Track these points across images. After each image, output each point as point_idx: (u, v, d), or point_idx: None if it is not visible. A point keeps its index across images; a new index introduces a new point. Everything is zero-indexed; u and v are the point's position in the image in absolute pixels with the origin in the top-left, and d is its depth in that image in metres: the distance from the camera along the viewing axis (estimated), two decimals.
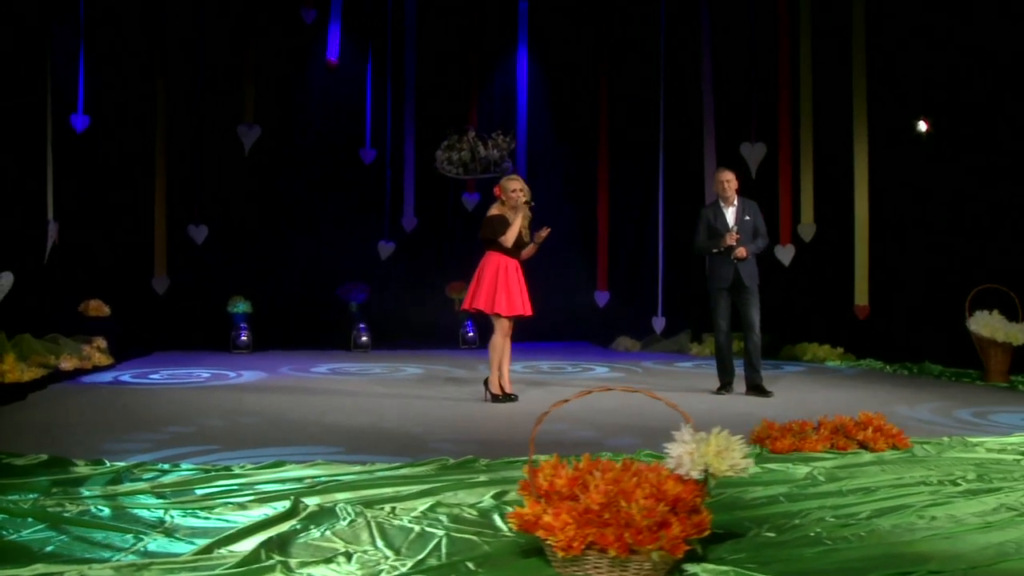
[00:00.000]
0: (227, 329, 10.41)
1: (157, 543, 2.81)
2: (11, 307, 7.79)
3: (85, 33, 10.22)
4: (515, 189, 6.35)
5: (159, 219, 10.66)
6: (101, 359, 8.37)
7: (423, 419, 5.53)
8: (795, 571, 2.53)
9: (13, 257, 7.90)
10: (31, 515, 3.07)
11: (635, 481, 2.41)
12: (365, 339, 10.72)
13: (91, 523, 3.00)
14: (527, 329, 9.31)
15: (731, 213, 6.86)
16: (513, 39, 12.06)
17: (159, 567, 2.54)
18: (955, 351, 8.20)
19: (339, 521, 3.01)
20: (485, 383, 6.46)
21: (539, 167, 12.08)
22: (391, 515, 3.07)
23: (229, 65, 10.89)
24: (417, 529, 2.91)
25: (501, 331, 6.35)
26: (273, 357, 9.69)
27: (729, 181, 6.88)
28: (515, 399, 6.32)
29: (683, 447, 2.43)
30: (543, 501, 2.44)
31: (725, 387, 6.90)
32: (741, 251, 6.70)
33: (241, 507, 3.23)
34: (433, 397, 6.64)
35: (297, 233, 11.34)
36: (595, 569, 2.34)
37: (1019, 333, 7.51)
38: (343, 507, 3.13)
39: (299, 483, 3.60)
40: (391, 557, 2.64)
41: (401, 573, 2.50)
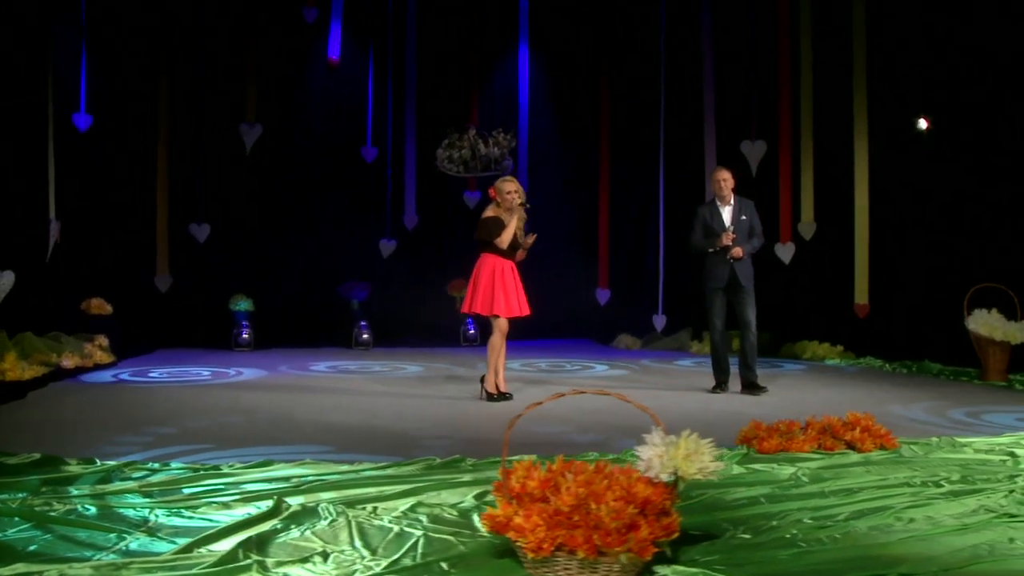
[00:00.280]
0: (229, 327, 10.46)
1: (139, 542, 2.85)
2: (13, 306, 7.84)
3: (87, 32, 10.27)
4: (510, 191, 6.38)
5: (161, 218, 10.70)
6: (103, 357, 8.42)
7: (417, 418, 5.56)
8: (766, 573, 2.54)
9: (15, 256, 7.95)
10: (18, 514, 3.11)
11: (606, 484, 2.44)
12: (366, 337, 10.76)
13: (76, 522, 3.04)
14: (529, 327, 9.34)
15: (727, 212, 6.86)
16: (514, 37, 12.07)
17: (138, 566, 2.58)
18: (955, 350, 8.18)
19: (320, 521, 3.04)
20: (481, 381, 6.49)
21: (540, 165, 12.10)
22: (372, 515, 3.10)
23: (231, 64, 10.92)
24: (396, 529, 2.94)
25: (500, 331, 6.38)
26: (274, 355, 9.74)
27: (726, 180, 6.87)
28: (510, 398, 6.35)
29: (653, 450, 2.45)
30: (515, 503, 2.47)
31: (720, 386, 6.90)
32: (737, 251, 6.70)
33: (225, 506, 3.27)
34: (429, 396, 6.67)
35: (298, 231, 11.37)
36: (565, 570, 2.36)
37: (1017, 332, 7.49)
38: (325, 507, 3.16)
39: (286, 482, 3.63)
40: (367, 557, 2.67)
41: (375, 573, 2.53)
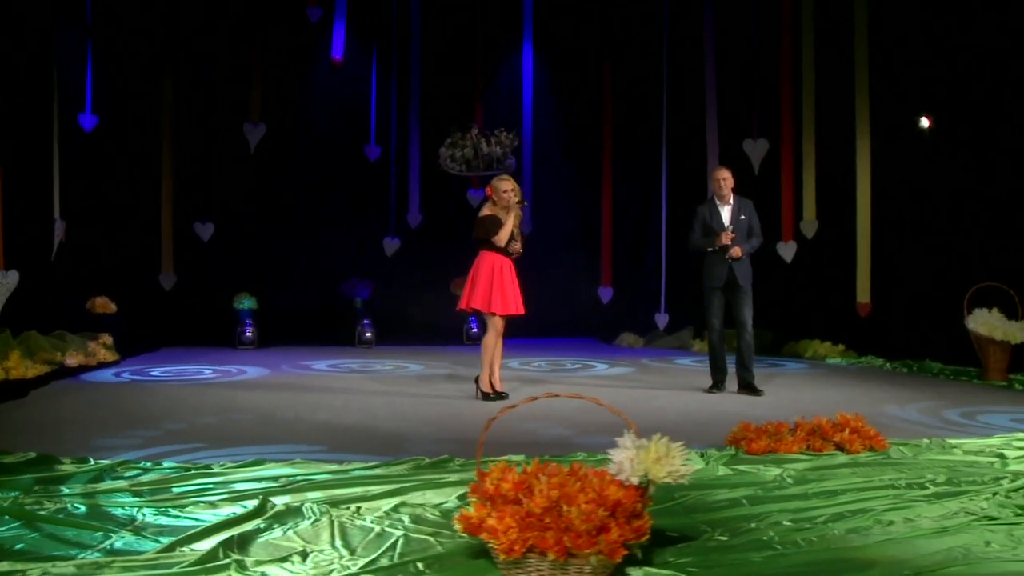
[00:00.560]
0: (232, 325, 10.54)
1: (124, 541, 2.89)
2: (18, 305, 7.93)
3: (92, 33, 10.36)
4: (507, 189, 6.42)
5: (165, 216, 10.80)
6: (107, 356, 8.50)
7: (411, 417, 5.60)
8: (738, 575, 2.56)
9: (20, 255, 8.04)
10: (8, 513, 3.16)
11: (579, 486, 2.46)
12: (369, 335, 10.82)
13: (64, 521, 3.08)
14: (531, 325, 9.37)
15: (727, 212, 6.86)
16: (517, 36, 12.08)
17: (120, 564, 2.62)
18: (956, 349, 8.15)
19: (303, 520, 3.07)
20: (476, 381, 6.53)
21: (543, 164, 12.11)
22: (355, 515, 3.14)
23: (235, 64, 11.00)
24: (377, 529, 2.97)
25: (495, 330, 6.42)
26: (277, 353, 9.81)
27: (726, 179, 6.88)
28: (506, 397, 6.38)
29: (624, 453, 2.48)
30: (489, 504, 2.50)
31: (717, 386, 6.91)
32: (736, 251, 6.70)
33: (212, 506, 3.31)
34: (426, 395, 6.71)
35: (302, 230, 11.45)
36: (536, 571, 2.39)
37: (1018, 331, 7.45)
38: (309, 506, 3.20)
39: (274, 482, 3.67)
40: (345, 557, 2.71)
41: (351, 573, 2.57)
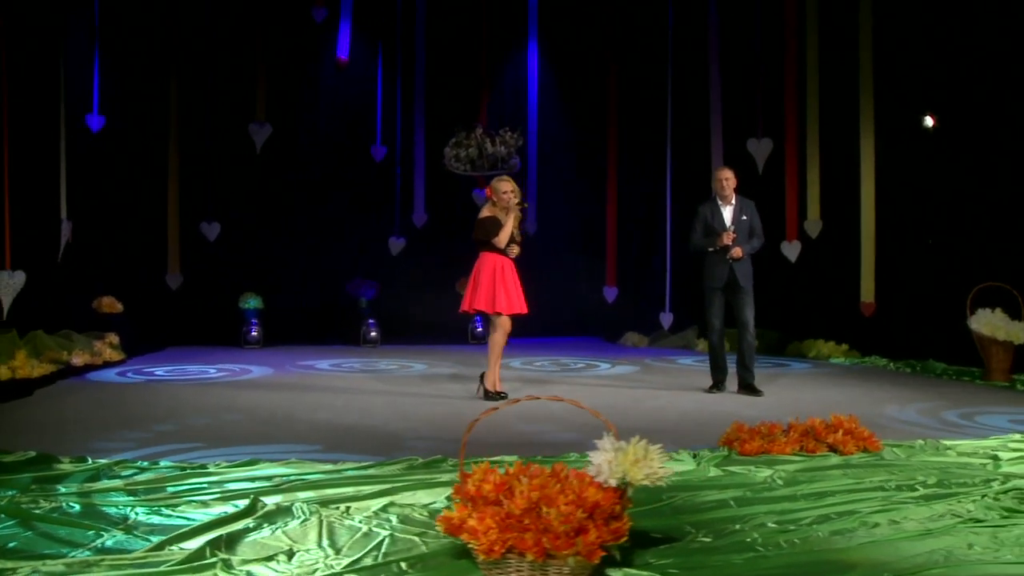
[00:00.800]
0: (238, 325, 10.60)
1: (115, 540, 2.93)
2: (25, 305, 8.03)
3: (99, 34, 10.43)
4: (506, 190, 6.44)
5: (172, 217, 10.86)
6: (112, 355, 8.57)
7: (410, 417, 5.63)
8: None
9: (27, 255, 8.13)
10: (3, 511, 3.21)
11: (559, 488, 2.49)
12: (374, 335, 10.86)
13: (58, 520, 3.13)
14: (536, 325, 9.38)
15: (728, 212, 6.85)
16: (522, 36, 12.09)
17: (109, 563, 2.67)
18: (960, 349, 8.12)
19: (292, 520, 3.11)
20: (481, 378, 6.56)
21: (548, 163, 12.12)
22: (344, 515, 3.17)
23: (240, 64, 11.05)
24: (364, 529, 3.01)
25: (502, 329, 6.45)
26: (282, 352, 9.86)
27: (728, 179, 6.87)
28: (505, 397, 6.40)
29: (603, 455, 2.50)
30: (470, 505, 2.52)
31: (717, 386, 6.91)
32: (737, 251, 6.70)
33: (204, 505, 3.35)
34: (427, 395, 6.74)
35: (307, 230, 11.49)
36: (516, 572, 2.42)
37: (1020, 332, 7.42)
38: (299, 506, 3.23)
39: (267, 481, 3.71)
40: (330, 556, 2.74)
41: (334, 572, 2.60)
